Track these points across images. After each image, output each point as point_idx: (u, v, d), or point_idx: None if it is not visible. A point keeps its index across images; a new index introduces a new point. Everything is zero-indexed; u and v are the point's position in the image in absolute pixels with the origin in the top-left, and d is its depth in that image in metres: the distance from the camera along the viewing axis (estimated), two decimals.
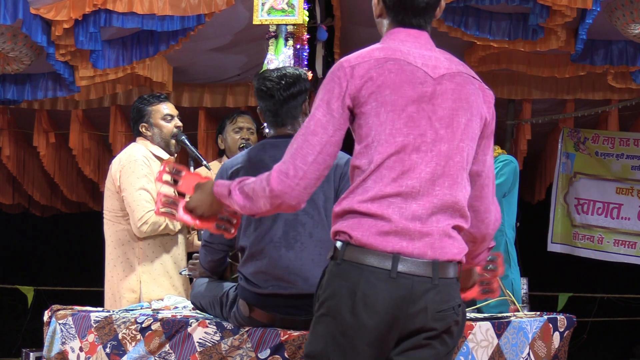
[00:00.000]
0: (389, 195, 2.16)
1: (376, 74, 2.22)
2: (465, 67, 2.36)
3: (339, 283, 2.15)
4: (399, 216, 2.15)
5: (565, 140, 6.78)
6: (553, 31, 5.00)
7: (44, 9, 4.77)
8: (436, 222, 2.18)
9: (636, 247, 6.63)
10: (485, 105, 2.34)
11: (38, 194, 7.92)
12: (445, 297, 2.17)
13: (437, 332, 2.17)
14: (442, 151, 2.21)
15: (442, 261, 2.17)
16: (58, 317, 3.29)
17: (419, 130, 2.20)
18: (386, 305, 2.11)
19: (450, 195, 2.21)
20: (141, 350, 3.02)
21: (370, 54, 2.25)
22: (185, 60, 5.95)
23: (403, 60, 2.25)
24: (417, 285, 2.13)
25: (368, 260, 2.13)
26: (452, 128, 2.23)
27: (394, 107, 2.20)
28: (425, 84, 2.24)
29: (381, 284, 2.11)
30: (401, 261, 2.13)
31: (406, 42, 2.31)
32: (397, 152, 2.18)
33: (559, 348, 3.43)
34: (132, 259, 4.11)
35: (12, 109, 6.82)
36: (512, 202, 4.26)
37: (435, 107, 2.23)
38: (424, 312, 2.14)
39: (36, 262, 9.75)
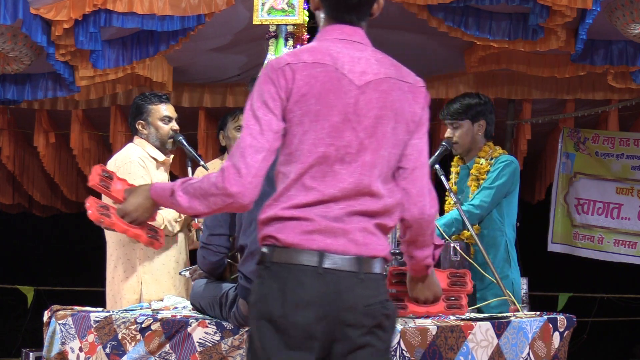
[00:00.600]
0: (311, 203, 2.21)
1: (302, 81, 2.24)
2: (396, 69, 2.35)
3: (269, 285, 2.20)
4: (321, 218, 2.20)
5: (565, 140, 6.78)
6: (553, 31, 5.00)
7: (44, 9, 4.77)
8: (357, 222, 2.23)
9: (636, 247, 6.63)
10: (417, 105, 2.34)
11: (38, 194, 7.92)
12: (372, 292, 2.22)
13: (368, 327, 2.21)
14: (366, 161, 2.24)
15: (366, 257, 2.22)
16: (58, 317, 3.29)
17: (343, 141, 2.23)
18: (316, 301, 2.16)
19: (375, 203, 2.25)
20: (141, 350, 3.03)
21: (300, 57, 2.27)
22: (185, 60, 5.95)
23: (331, 65, 2.26)
24: (344, 280, 2.18)
25: (295, 259, 2.19)
26: (377, 137, 2.25)
27: (317, 117, 2.23)
28: (349, 93, 2.25)
29: (309, 281, 2.17)
30: (327, 257, 2.18)
31: (338, 42, 2.32)
32: (319, 163, 2.22)
33: (559, 348, 3.43)
34: (134, 259, 4.11)
35: (12, 109, 6.81)
36: (513, 203, 4.26)
37: (359, 117, 2.25)
38: (352, 307, 2.18)
39: (36, 262, 9.74)
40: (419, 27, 5.43)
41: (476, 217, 4.11)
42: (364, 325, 2.21)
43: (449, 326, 3.08)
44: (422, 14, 5.01)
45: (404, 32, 5.71)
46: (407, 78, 2.35)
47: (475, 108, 4.26)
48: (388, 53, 2.49)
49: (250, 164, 2.20)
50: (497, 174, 4.16)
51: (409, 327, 3.00)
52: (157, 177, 4.14)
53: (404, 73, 2.37)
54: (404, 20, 5.41)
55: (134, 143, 4.25)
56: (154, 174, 4.13)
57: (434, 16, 5.03)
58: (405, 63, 2.51)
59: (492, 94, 6.42)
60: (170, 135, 4.23)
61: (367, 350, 2.22)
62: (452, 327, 3.08)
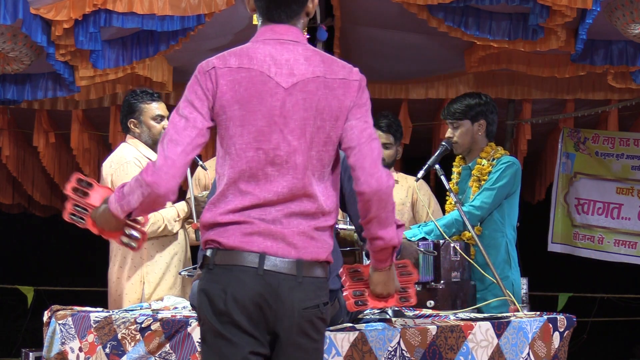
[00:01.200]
0: (248, 207, 2.28)
1: (226, 87, 2.30)
2: (326, 66, 2.35)
3: (211, 286, 2.28)
4: (259, 221, 2.27)
5: (565, 140, 6.78)
6: (553, 31, 5.00)
7: (44, 9, 4.77)
8: (296, 225, 2.29)
9: (636, 247, 6.63)
10: (348, 98, 2.34)
11: (38, 194, 7.92)
12: (311, 295, 2.28)
13: (303, 330, 2.27)
14: (297, 163, 2.29)
15: (306, 260, 2.28)
16: (58, 317, 3.29)
17: (271, 144, 2.28)
18: (254, 301, 2.24)
19: (311, 204, 2.30)
20: (141, 350, 3.03)
21: (227, 61, 2.33)
22: (185, 60, 5.95)
23: (256, 70, 2.31)
24: (283, 283, 2.25)
25: (237, 260, 2.26)
26: (305, 138, 2.30)
27: (243, 122, 2.29)
28: (275, 96, 2.29)
29: (249, 281, 2.24)
30: (267, 259, 2.25)
31: (268, 42, 2.35)
32: (250, 168, 2.29)
33: (559, 348, 3.43)
34: (136, 259, 4.12)
35: (12, 109, 6.81)
36: (514, 204, 4.26)
37: (286, 120, 2.29)
38: (290, 310, 2.25)
39: (36, 262, 9.74)
40: (419, 27, 5.43)
41: (476, 218, 4.11)
42: (299, 327, 2.27)
43: (449, 326, 3.08)
44: (422, 14, 5.01)
45: (404, 32, 5.71)
46: (339, 73, 2.35)
47: (475, 108, 4.27)
48: (388, 53, 2.52)
49: (168, 155, 2.28)
50: (499, 175, 4.16)
51: (409, 327, 3.01)
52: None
53: (336, 68, 2.36)
54: (404, 20, 5.42)
55: (127, 143, 4.25)
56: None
57: (434, 16, 5.03)
58: (405, 63, 2.52)
59: (492, 94, 6.41)
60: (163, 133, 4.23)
61: (299, 351, 2.28)
62: (452, 327, 3.09)
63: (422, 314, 3.47)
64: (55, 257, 9.66)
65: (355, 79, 2.37)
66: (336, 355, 2.74)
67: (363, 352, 2.80)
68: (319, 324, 2.32)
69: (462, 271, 3.92)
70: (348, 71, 2.37)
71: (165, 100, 6.34)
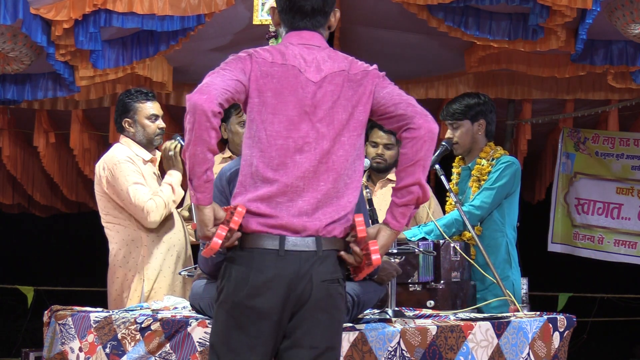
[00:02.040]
0: (276, 195, 2.40)
1: (261, 75, 2.45)
2: (348, 62, 2.53)
3: (235, 268, 2.40)
4: (286, 214, 2.39)
5: (565, 140, 6.78)
6: (553, 31, 5.00)
7: (44, 9, 4.77)
8: (322, 216, 2.40)
9: (636, 247, 6.63)
10: (369, 84, 2.50)
11: (38, 194, 7.92)
12: (331, 268, 2.40)
13: (324, 303, 2.38)
14: (324, 149, 2.43)
15: (325, 237, 2.40)
16: (58, 317, 3.29)
17: (300, 133, 2.43)
18: (277, 282, 2.35)
19: (334, 188, 2.42)
20: (141, 350, 3.02)
21: (261, 54, 2.48)
22: (185, 60, 5.95)
23: (289, 64, 2.47)
24: (304, 259, 2.37)
25: (259, 244, 2.38)
26: (333, 125, 2.45)
27: (275, 110, 2.44)
28: (306, 88, 2.46)
29: (271, 263, 2.36)
30: (287, 241, 2.38)
31: (296, 45, 2.53)
32: (279, 155, 2.42)
33: (559, 348, 3.43)
34: (137, 258, 4.12)
35: (12, 109, 6.82)
36: (513, 204, 4.26)
37: (316, 110, 2.45)
38: (309, 283, 2.36)
39: (36, 262, 9.73)
40: (419, 27, 5.43)
41: (476, 217, 4.11)
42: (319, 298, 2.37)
43: (449, 326, 3.08)
44: (422, 14, 5.01)
45: (404, 32, 5.71)
46: (360, 68, 2.53)
47: (475, 108, 4.27)
48: (388, 53, 2.58)
49: (209, 82, 2.36)
50: (498, 175, 4.16)
51: (409, 327, 3.01)
52: (146, 172, 4.15)
53: (357, 65, 2.54)
54: (404, 20, 5.42)
55: (120, 143, 4.25)
56: (143, 169, 4.15)
57: (434, 16, 5.03)
58: (405, 63, 2.58)
59: (492, 94, 6.41)
60: (158, 133, 4.24)
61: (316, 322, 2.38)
62: (452, 327, 3.09)
63: (422, 314, 3.47)
64: (55, 257, 9.66)
65: (374, 68, 2.55)
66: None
67: (363, 352, 2.80)
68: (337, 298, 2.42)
69: (462, 271, 3.92)
70: (367, 65, 2.55)
71: (165, 100, 6.37)
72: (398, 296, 3.50)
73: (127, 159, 4.09)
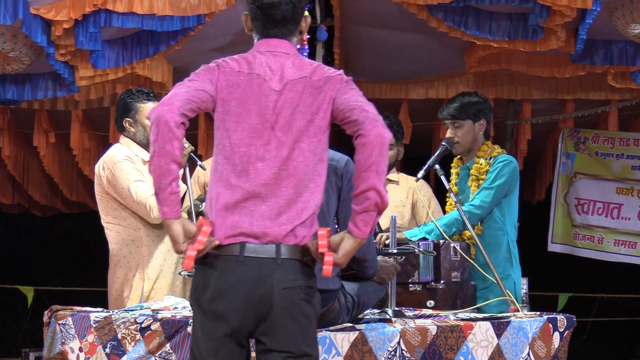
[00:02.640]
0: (239, 201, 2.44)
1: (226, 84, 2.51)
2: (313, 70, 2.54)
3: (201, 273, 2.46)
4: (248, 220, 2.43)
5: (565, 140, 6.78)
6: (553, 31, 5.00)
7: (44, 9, 4.77)
8: (285, 221, 2.43)
9: (636, 247, 6.63)
10: (332, 87, 2.51)
11: (38, 194, 7.92)
12: (291, 276, 2.41)
13: (288, 310, 2.39)
14: (283, 156, 2.46)
15: (285, 244, 2.42)
16: (58, 317, 3.29)
17: (262, 141, 2.47)
18: (237, 287, 2.39)
19: (295, 193, 2.44)
20: (141, 350, 3.03)
21: (231, 64, 2.54)
22: (185, 60, 5.95)
23: (254, 74, 2.51)
24: (263, 265, 2.40)
25: (222, 250, 2.42)
26: (291, 132, 2.47)
27: (241, 120, 2.49)
28: (269, 97, 2.49)
29: (231, 269, 2.40)
30: (247, 247, 2.41)
31: (264, 53, 2.57)
32: (242, 162, 2.46)
33: (559, 348, 3.43)
34: (138, 258, 4.12)
35: (12, 109, 6.81)
36: (513, 202, 4.26)
37: (277, 118, 2.48)
38: (270, 289, 2.38)
39: (36, 262, 9.73)
40: (419, 27, 5.43)
41: (477, 217, 4.11)
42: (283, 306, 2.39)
43: (449, 326, 3.08)
44: (422, 14, 5.01)
45: (404, 32, 5.71)
46: (324, 74, 2.53)
47: (476, 107, 4.26)
48: (388, 53, 2.57)
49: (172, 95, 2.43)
50: (497, 174, 4.16)
51: (409, 327, 3.01)
52: (145, 172, 4.15)
53: (321, 71, 2.54)
54: (404, 20, 5.42)
55: (119, 143, 4.25)
56: (142, 169, 4.15)
57: (434, 16, 5.03)
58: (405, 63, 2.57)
59: (492, 94, 6.42)
60: None
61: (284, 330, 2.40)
62: (452, 327, 3.09)
63: (422, 314, 3.47)
64: (55, 257, 9.66)
65: (338, 74, 2.54)
66: (336, 355, 2.74)
67: (363, 352, 2.80)
68: (305, 307, 2.42)
69: (462, 271, 3.92)
70: (332, 71, 2.55)
71: None
72: (398, 296, 3.50)
73: (127, 158, 4.09)
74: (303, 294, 2.42)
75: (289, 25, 2.60)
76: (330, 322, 2.93)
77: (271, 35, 2.60)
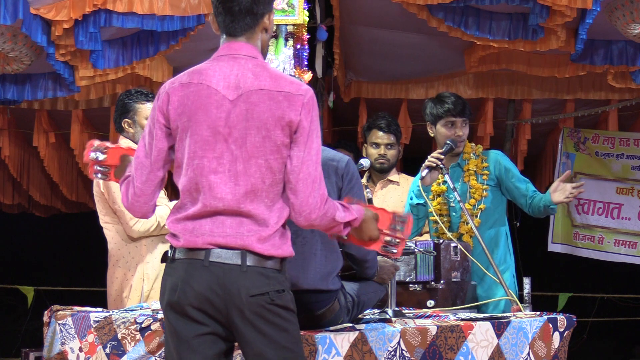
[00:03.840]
0: (198, 216, 2.44)
1: (177, 102, 2.47)
2: (273, 80, 2.46)
3: (168, 279, 2.47)
4: (209, 230, 2.42)
5: (565, 140, 6.78)
6: (553, 31, 5.00)
7: (44, 9, 4.77)
8: (246, 232, 2.41)
9: (636, 247, 6.63)
10: (293, 111, 2.43)
11: (38, 194, 7.92)
12: (257, 283, 2.39)
13: (257, 314, 2.38)
14: (239, 170, 2.42)
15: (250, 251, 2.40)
16: (58, 317, 3.29)
17: (215, 153, 2.43)
18: (202, 291, 2.39)
19: (254, 208, 2.42)
20: (141, 350, 3.03)
21: (181, 78, 2.52)
22: (185, 60, 5.94)
23: (204, 84, 2.46)
24: (227, 270, 2.40)
25: (187, 255, 2.44)
26: (246, 147, 2.42)
27: (192, 132, 2.44)
28: (221, 107, 2.43)
29: (197, 273, 2.41)
30: (212, 252, 2.41)
31: (222, 59, 2.51)
32: (197, 176, 2.43)
33: (559, 348, 3.43)
34: (137, 257, 4.12)
35: (12, 109, 6.81)
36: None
37: (231, 130, 2.43)
38: (237, 297, 2.38)
39: (36, 262, 9.74)
40: (419, 27, 5.43)
41: None
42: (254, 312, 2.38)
43: (449, 326, 3.08)
44: (422, 14, 5.01)
45: (404, 32, 5.71)
46: (285, 88, 2.45)
47: None
48: (388, 53, 2.55)
49: (137, 185, 2.52)
50: (513, 166, 4.29)
51: (409, 327, 3.01)
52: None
53: (283, 83, 2.47)
54: (404, 20, 5.42)
55: (119, 144, 4.25)
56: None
57: (434, 16, 5.03)
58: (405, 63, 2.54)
59: (492, 94, 6.42)
60: None
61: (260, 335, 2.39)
62: (452, 327, 3.09)
63: (422, 314, 3.47)
64: (55, 257, 9.66)
65: (300, 93, 2.45)
66: (336, 355, 2.74)
67: (363, 352, 2.80)
68: (274, 309, 2.39)
69: (462, 271, 3.92)
70: (295, 87, 2.47)
71: None
72: (398, 296, 3.50)
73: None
74: (270, 298, 2.40)
75: (247, 18, 2.50)
76: (330, 322, 2.93)
77: (232, 34, 2.52)
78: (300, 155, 2.43)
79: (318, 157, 2.47)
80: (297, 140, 2.44)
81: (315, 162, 2.45)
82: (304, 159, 2.44)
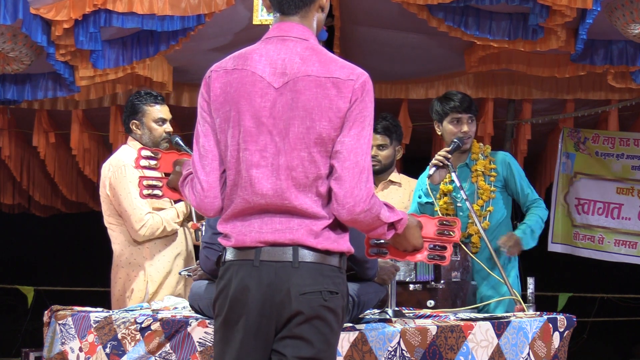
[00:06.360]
0: (245, 213, 2.29)
1: (220, 89, 2.31)
2: (322, 65, 2.27)
3: (219, 283, 2.32)
4: (258, 227, 2.27)
5: (566, 140, 6.78)
6: (553, 31, 5.00)
7: (44, 9, 4.77)
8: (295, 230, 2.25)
9: (637, 247, 6.62)
10: (342, 99, 2.25)
11: (38, 194, 7.93)
12: (309, 281, 2.23)
13: (305, 316, 2.22)
14: (281, 164, 2.25)
15: (302, 246, 2.24)
16: (58, 317, 3.29)
17: (258, 146, 2.26)
18: (253, 292, 2.23)
19: (300, 204, 2.25)
20: (141, 350, 3.03)
21: (225, 64, 2.34)
22: (185, 60, 5.95)
23: (248, 70, 2.29)
24: (279, 268, 2.24)
25: (236, 256, 2.28)
26: (289, 139, 2.24)
27: (234, 123, 2.28)
28: (265, 96, 2.26)
29: (247, 274, 2.25)
30: (262, 251, 2.25)
31: (271, 41, 2.33)
32: (240, 169, 2.27)
33: (559, 348, 3.43)
34: (140, 259, 4.13)
35: (12, 109, 6.82)
36: None
37: (275, 120, 2.25)
38: (287, 296, 2.22)
39: (36, 262, 9.74)
40: (419, 27, 5.43)
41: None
42: (300, 312, 2.22)
43: (449, 326, 3.08)
44: (422, 14, 5.01)
45: (404, 32, 5.71)
46: (335, 73, 2.26)
47: None
48: (388, 53, 2.51)
49: (202, 179, 2.33)
50: (520, 169, 4.31)
51: (409, 327, 3.01)
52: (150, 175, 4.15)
53: (332, 68, 2.27)
54: (404, 20, 5.42)
55: (127, 145, 4.25)
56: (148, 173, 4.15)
57: (434, 16, 5.03)
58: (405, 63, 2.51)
59: (492, 94, 6.42)
60: (164, 137, 4.23)
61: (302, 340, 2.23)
62: (452, 327, 3.09)
63: (422, 314, 3.47)
64: (55, 257, 9.66)
65: (350, 79, 2.26)
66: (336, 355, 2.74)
67: (363, 352, 2.80)
68: (325, 314, 2.25)
69: (462, 271, 3.92)
70: (346, 72, 2.28)
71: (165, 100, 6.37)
72: (398, 296, 3.50)
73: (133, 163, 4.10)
74: (322, 299, 2.24)
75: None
76: None
77: (286, 12, 2.33)
78: (347, 142, 2.23)
79: (368, 146, 2.27)
80: (345, 127, 2.24)
81: (364, 152, 2.26)
82: (352, 145, 2.24)
